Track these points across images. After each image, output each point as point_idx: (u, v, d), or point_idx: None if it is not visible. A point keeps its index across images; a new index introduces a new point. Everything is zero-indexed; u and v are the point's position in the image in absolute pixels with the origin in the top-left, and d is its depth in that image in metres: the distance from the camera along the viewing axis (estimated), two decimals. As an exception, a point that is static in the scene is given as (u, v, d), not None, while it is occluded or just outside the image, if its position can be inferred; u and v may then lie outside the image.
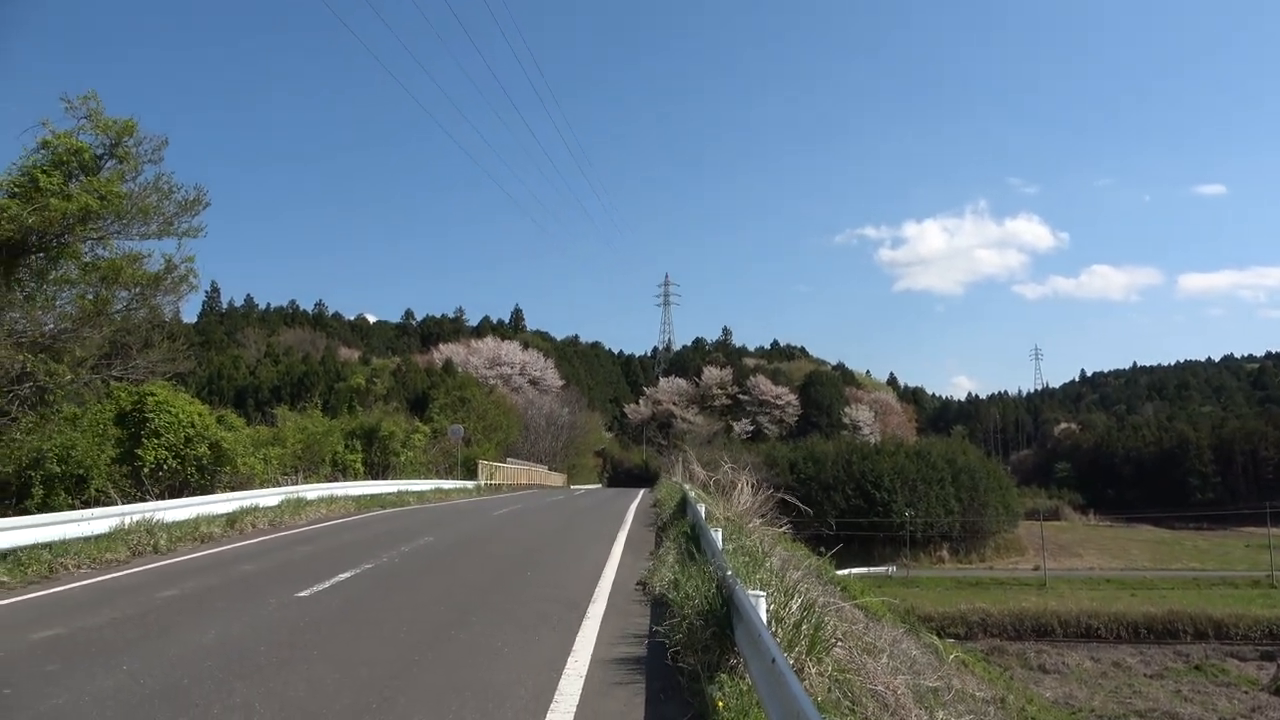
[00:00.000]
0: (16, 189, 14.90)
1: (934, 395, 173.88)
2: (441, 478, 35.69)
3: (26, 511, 15.17)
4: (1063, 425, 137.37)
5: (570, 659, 6.60)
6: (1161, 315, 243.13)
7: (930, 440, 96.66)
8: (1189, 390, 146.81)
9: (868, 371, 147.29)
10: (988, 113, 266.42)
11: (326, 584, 9.90)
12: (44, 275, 16.05)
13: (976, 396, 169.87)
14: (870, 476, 75.29)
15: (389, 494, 26.15)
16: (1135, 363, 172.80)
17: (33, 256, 15.45)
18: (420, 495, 28.22)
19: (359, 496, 23.84)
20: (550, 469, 60.07)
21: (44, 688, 5.70)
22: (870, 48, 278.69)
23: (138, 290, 16.90)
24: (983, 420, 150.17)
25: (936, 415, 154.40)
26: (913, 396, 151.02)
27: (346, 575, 10.61)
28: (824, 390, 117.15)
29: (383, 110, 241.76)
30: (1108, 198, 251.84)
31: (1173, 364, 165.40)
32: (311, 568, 11.35)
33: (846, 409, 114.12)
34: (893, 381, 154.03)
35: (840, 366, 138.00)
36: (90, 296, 16.49)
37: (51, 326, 16.18)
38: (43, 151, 15.44)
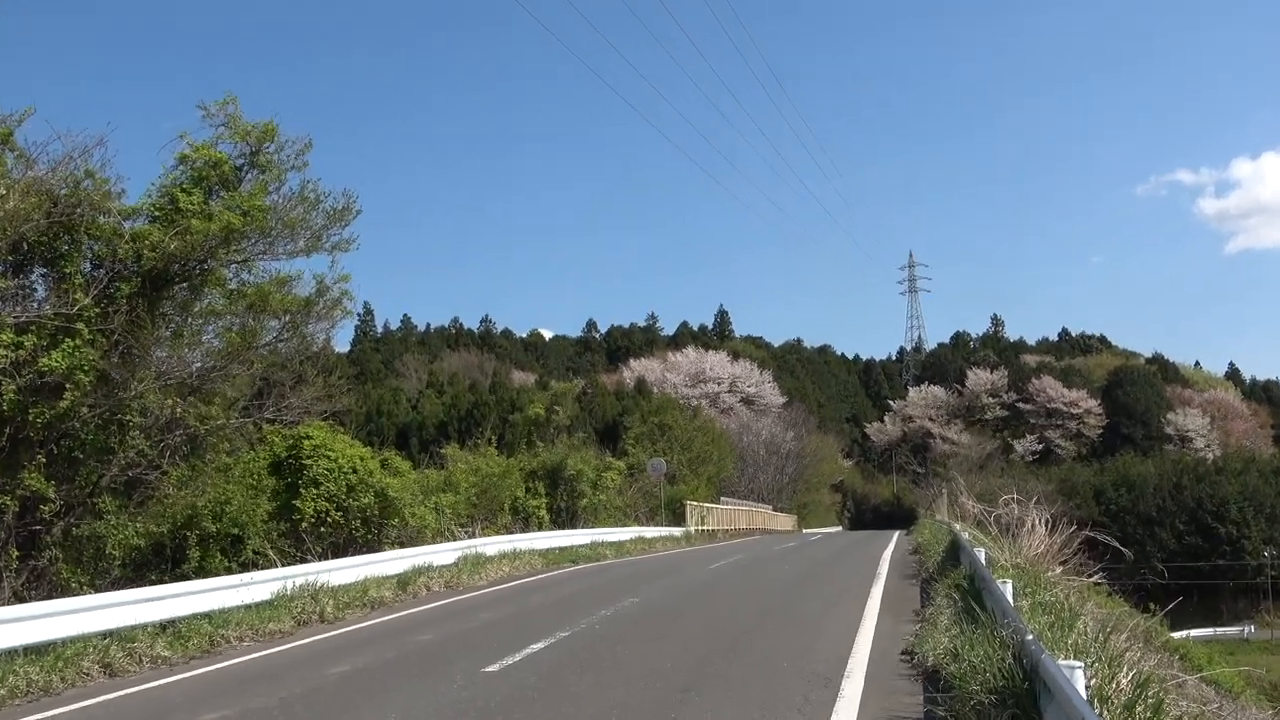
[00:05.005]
0: (157, 213, 16.62)
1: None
2: (642, 524, 36.45)
3: (184, 576, 16.81)
4: None
5: (824, 750, 6.51)
6: None
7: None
8: None
9: (1197, 363, 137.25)
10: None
11: (518, 656, 10.30)
12: (188, 308, 17.78)
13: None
14: (1210, 505, 70.67)
15: (581, 546, 26.94)
16: None
17: (175, 287, 17.16)
18: (618, 546, 28.91)
19: (546, 550, 24.70)
20: (775, 509, 59.99)
21: (217, 778, 6.26)
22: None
23: (288, 318, 18.41)
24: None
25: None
26: (1264, 394, 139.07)
27: (540, 645, 10.99)
28: (1136, 392, 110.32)
29: (554, 91, 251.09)
30: None
31: None
32: (499, 637, 11.86)
33: (1169, 415, 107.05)
34: (1234, 375, 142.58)
35: (1157, 359, 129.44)
36: (237, 328, 18.10)
37: (199, 365, 17.88)
38: (181, 168, 17.13)
